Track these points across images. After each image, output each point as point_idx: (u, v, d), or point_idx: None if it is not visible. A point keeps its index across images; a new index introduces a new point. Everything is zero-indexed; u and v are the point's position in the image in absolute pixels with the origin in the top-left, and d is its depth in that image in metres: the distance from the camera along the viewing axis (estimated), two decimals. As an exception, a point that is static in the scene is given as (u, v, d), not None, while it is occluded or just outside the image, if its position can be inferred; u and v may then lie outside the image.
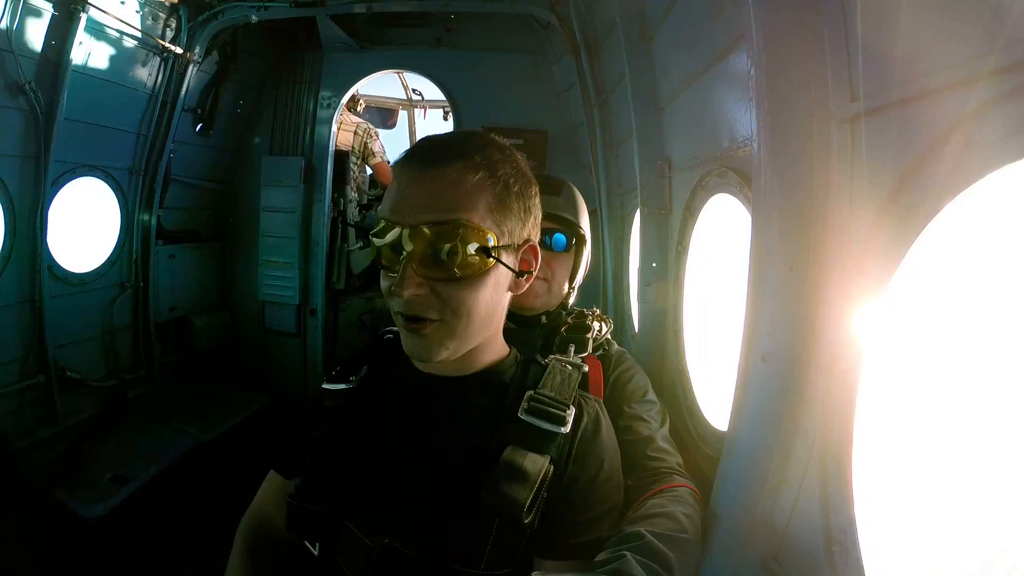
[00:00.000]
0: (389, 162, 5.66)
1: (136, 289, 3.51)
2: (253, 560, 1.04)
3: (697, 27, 1.56)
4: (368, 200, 5.72)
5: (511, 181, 0.84)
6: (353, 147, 4.83)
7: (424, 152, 0.82)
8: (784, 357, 0.94)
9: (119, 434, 3.06)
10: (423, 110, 6.35)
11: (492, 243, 0.80)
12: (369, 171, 5.25)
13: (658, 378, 2.03)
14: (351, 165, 4.62)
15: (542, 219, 0.95)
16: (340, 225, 4.38)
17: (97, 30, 2.78)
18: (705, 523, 0.98)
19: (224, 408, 3.66)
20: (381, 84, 5.41)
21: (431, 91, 4.94)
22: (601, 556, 0.80)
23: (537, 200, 0.92)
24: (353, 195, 4.72)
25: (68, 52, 2.63)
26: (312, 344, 4.35)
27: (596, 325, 1.26)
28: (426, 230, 0.77)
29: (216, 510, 2.62)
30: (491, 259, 0.80)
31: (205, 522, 2.57)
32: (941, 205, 0.63)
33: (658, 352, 2.09)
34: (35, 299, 2.77)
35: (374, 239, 0.82)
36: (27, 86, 2.53)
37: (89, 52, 2.79)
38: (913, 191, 0.67)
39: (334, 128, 4.22)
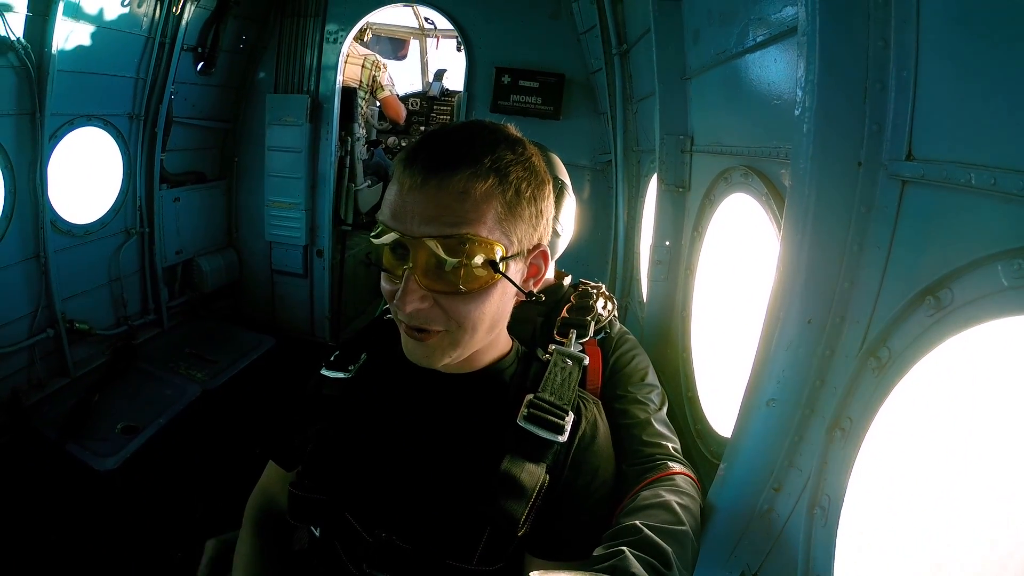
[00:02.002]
0: (398, 95, 5.43)
1: (141, 235, 3.50)
2: (261, 535, 1.09)
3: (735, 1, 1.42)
4: (377, 135, 5.54)
5: (523, 186, 0.78)
6: (361, 81, 4.61)
7: (428, 155, 0.75)
8: (790, 403, 0.92)
9: (129, 382, 3.13)
10: (436, 40, 6.02)
11: (500, 255, 0.76)
12: (378, 104, 5.05)
13: (662, 361, 2.02)
14: (359, 100, 4.44)
15: None
16: (348, 164, 4.27)
17: (85, -24, 2.60)
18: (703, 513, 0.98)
19: (231, 351, 3.74)
20: (391, 11, 5.09)
21: (445, 21, 4.67)
22: (598, 551, 0.79)
23: (551, 200, 0.87)
24: (361, 132, 4.56)
25: (56, 2, 2.47)
26: (319, 285, 4.37)
27: (600, 303, 1.22)
28: (430, 244, 0.73)
29: (223, 460, 2.74)
30: (498, 273, 0.76)
31: (213, 472, 2.69)
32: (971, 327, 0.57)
33: (664, 334, 2.07)
34: (40, 255, 2.76)
35: (372, 240, 0.78)
36: (16, 42, 2.39)
37: (79, 0, 2.63)
38: (951, 299, 0.61)
39: (341, 63, 4.02)
